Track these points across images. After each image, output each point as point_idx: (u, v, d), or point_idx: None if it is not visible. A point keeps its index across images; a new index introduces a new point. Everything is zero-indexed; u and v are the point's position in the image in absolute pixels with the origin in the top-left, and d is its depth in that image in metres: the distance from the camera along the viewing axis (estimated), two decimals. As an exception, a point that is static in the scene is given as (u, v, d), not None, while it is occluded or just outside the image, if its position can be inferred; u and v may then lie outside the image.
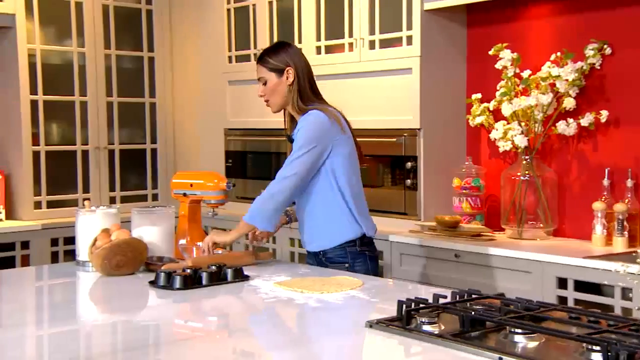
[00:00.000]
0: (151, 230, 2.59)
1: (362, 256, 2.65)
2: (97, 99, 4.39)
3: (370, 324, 1.75)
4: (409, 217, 3.54)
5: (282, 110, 2.72)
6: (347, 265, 2.61)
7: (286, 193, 2.54)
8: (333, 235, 2.63)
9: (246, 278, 2.36)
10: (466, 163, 3.54)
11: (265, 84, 2.66)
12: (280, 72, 2.63)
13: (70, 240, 3.49)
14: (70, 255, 3.87)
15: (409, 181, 3.53)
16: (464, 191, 3.49)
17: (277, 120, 2.83)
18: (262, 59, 2.67)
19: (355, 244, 2.63)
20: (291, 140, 2.65)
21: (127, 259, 2.45)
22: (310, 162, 2.55)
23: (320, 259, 2.66)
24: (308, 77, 2.67)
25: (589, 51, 3.13)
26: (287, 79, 2.63)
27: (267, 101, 2.69)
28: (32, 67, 4.13)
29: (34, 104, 4.16)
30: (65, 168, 4.31)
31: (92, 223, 2.57)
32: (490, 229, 3.36)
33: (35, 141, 4.17)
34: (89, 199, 3.75)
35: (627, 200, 3.04)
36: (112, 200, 4.45)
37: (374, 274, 2.66)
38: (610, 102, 3.17)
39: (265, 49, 2.72)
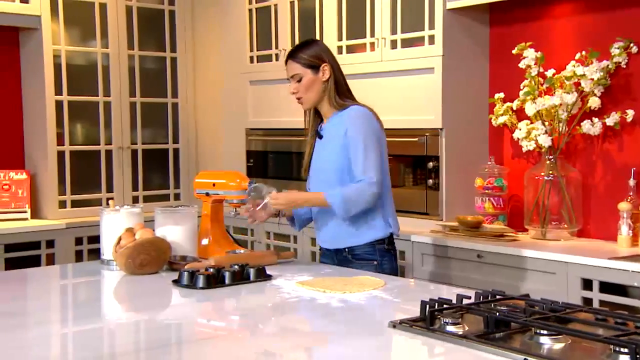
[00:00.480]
0: (174, 230, 2.60)
1: (389, 254, 2.64)
2: (121, 99, 4.43)
3: (394, 324, 1.74)
4: (430, 217, 3.52)
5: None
6: (375, 262, 2.60)
7: (370, 203, 2.54)
8: (364, 233, 2.61)
9: (269, 277, 2.36)
10: (489, 163, 3.52)
11: (299, 80, 2.62)
12: (315, 68, 2.61)
13: (95, 239, 3.52)
14: (95, 253, 3.90)
15: (430, 181, 3.51)
16: (486, 191, 3.47)
17: (298, 120, 2.83)
18: (294, 56, 2.63)
19: (384, 242, 2.63)
20: (320, 137, 2.64)
21: (150, 258, 2.46)
22: (382, 162, 2.56)
23: (345, 256, 2.64)
24: (340, 71, 2.66)
25: (615, 50, 3.10)
26: (322, 75, 2.61)
27: (299, 98, 2.65)
28: (57, 67, 4.18)
29: (58, 104, 4.20)
30: (89, 168, 4.35)
31: (116, 222, 2.59)
32: (513, 229, 3.34)
33: (60, 141, 4.22)
34: (112, 199, 3.79)
35: (653, 201, 3.01)
36: (135, 200, 4.49)
37: (396, 272, 2.66)
38: (636, 101, 3.13)
39: (296, 46, 2.70)
